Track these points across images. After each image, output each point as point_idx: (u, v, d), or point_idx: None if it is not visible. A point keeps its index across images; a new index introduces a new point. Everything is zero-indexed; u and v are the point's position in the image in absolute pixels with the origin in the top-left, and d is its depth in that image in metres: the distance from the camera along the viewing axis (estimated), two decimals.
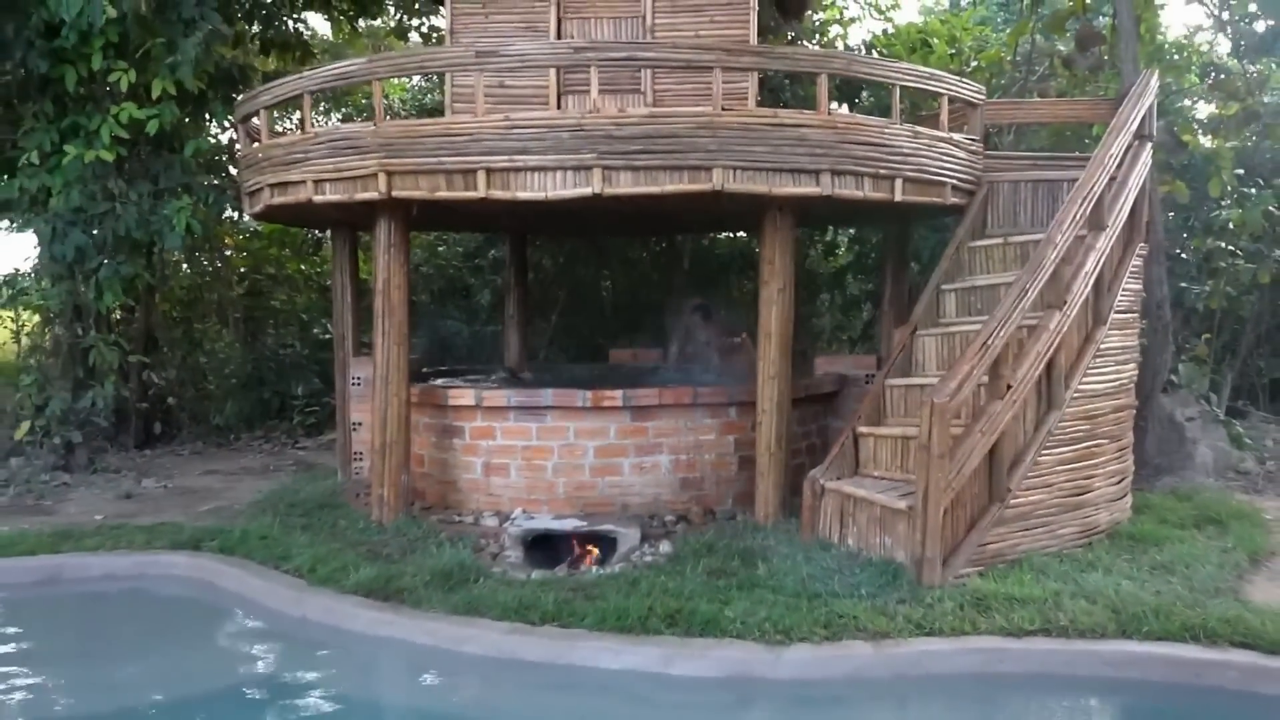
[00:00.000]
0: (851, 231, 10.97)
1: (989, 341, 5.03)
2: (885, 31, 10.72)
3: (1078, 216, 5.57)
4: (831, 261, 11.45)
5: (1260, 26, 13.61)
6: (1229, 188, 8.44)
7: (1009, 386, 5.16)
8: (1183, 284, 8.76)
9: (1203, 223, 8.79)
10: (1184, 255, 9.52)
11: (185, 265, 10.97)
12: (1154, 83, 6.33)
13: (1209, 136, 8.33)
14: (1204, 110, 10.55)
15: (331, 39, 12.04)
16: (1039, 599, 4.61)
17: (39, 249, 8.51)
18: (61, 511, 7.29)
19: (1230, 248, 8.43)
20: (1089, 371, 5.71)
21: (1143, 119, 6.22)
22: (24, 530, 6.38)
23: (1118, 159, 5.96)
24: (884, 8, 10.81)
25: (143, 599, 5.53)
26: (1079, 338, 5.73)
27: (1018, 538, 5.32)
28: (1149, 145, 6.32)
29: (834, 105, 10.60)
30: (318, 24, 12.23)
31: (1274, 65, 12.03)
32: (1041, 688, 4.17)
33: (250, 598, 5.30)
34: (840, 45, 11.27)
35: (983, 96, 6.64)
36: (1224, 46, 13.57)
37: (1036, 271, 5.31)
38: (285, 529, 6.16)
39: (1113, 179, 5.93)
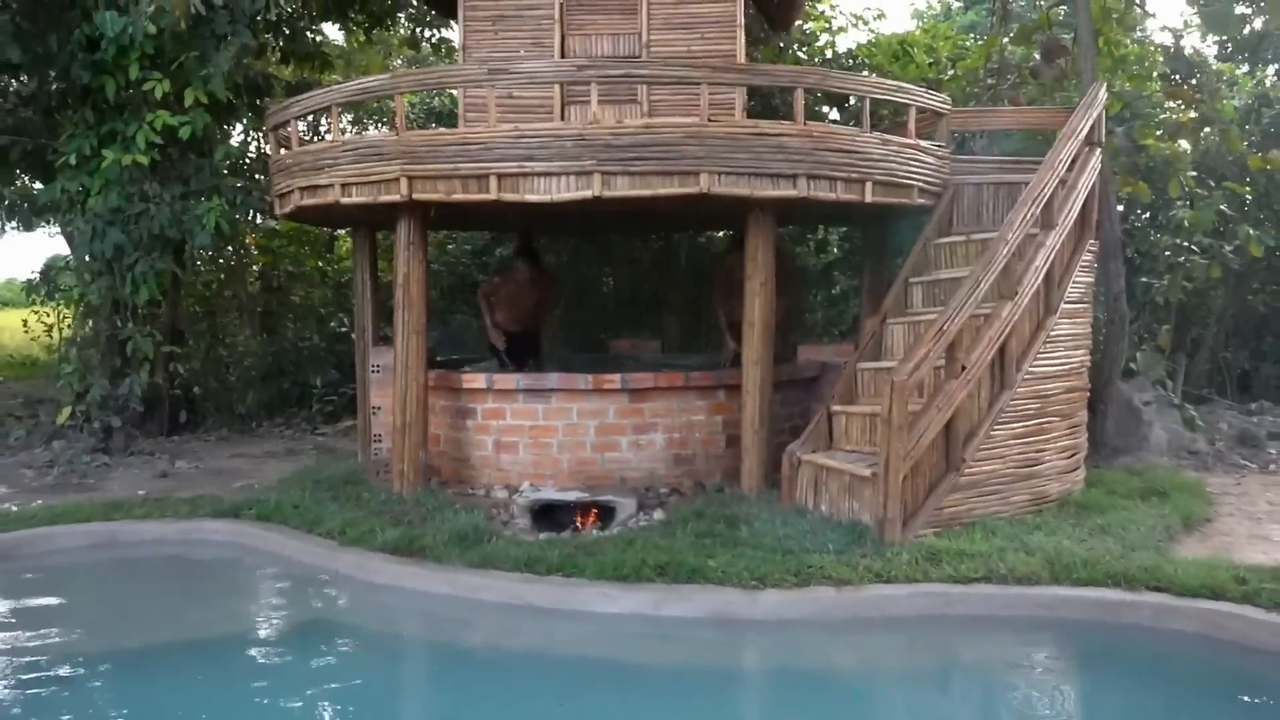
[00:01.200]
0: (843, 230, 11.57)
1: (944, 327, 5.67)
2: (868, 41, 11.33)
3: (1028, 216, 6.20)
4: (823, 258, 12.07)
5: (1246, 30, 14.26)
6: (1186, 189, 9.06)
7: (963, 368, 5.80)
8: (1143, 278, 9.37)
9: (1164, 221, 9.40)
10: (1150, 252, 10.13)
11: (212, 261, 11.54)
12: (1101, 94, 6.95)
13: (1168, 140, 8.92)
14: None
15: (345, 46, 12.68)
16: (985, 553, 5.23)
17: (79, 247, 9.14)
18: (105, 488, 7.93)
19: (1187, 244, 9.04)
20: (1040, 356, 6.33)
21: (1091, 127, 6.84)
22: (78, 502, 7.03)
23: (1067, 163, 6.58)
24: (867, 18, 11.42)
25: (191, 560, 6.16)
26: (1030, 325, 6.36)
27: (972, 503, 5.95)
28: (1098, 151, 6.94)
29: (825, 109, 11.36)
30: (331, 31, 12.89)
31: (1241, 72, 12.68)
32: (983, 626, 4.80)
33: (287, 556, 5.95)
34: (829, 53, 11.92)
35: (948, 106, 7.26)
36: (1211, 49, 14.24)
37: (989, 266, 5.94)
38: (315, 500, 6.79)
39: (1062, 182, 6.55)
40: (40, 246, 43.76)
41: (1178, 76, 12.79)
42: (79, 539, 6.35)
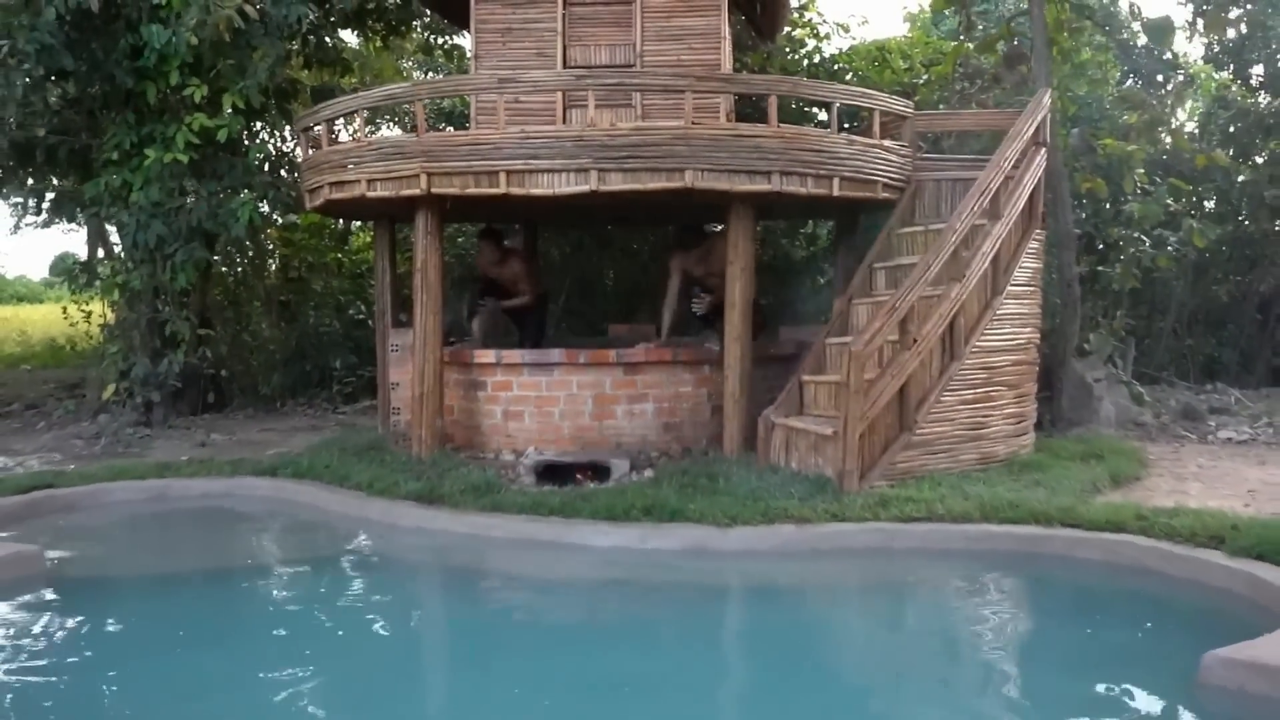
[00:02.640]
0: (831, 224, 12.38)
1: (896, 305, 6.49)
2: (849, 48, 12.14)
3: (975, 208, 7.01)
4: (812, 249, 12.88)
5: (1231, 33, 15.06)
6: (1139, 185, 9.86)
7: (915, 341, 6.61)
8: (1100, 267, 10.17)
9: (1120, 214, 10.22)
10: (1109, 243, 10.95)
11: (239, 252, 12.37)
12: (1047, 100, 7.75)
13: (1123, 140, 9.72)
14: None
15: (362, 51, 13.51)
16: (928, 499, 6.04)
17: (123, 237, 9.98)
18: (149, 456, 8.75)
19: (1139, 235, 9.84)
20: (987, 332, 7.13)
21: (1037, 128, 7.64)
22: (133, 462, 7.88)
23: (1013, 161, 7.39)
24: (849, 26, 12.21)
25: (237, 511, 6.99)
26: (979, 305, 7.17)
27: (924, 460, 6.77)
28: (1043, 150, 7.74)
29: (816, 110, 12.15)
30: (347, 36, 13.70)
31: (1223, 75, 13.44)
32: (922, 556, 5.61)
33: (322, 506, 6.78)
34: (817, 57, 12.72)
35: (911, 110, 8.07)
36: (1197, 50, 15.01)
37: (939, 252, 6.76)
38: (343, 461, 7.59)
39: (1009, 178, 7.36)
40: (43, 247, 44.79)
41: (1160, 77, 13.63)
42: (135, 493, 7.17)
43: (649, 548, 5.66)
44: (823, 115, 12.16)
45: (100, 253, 13.48)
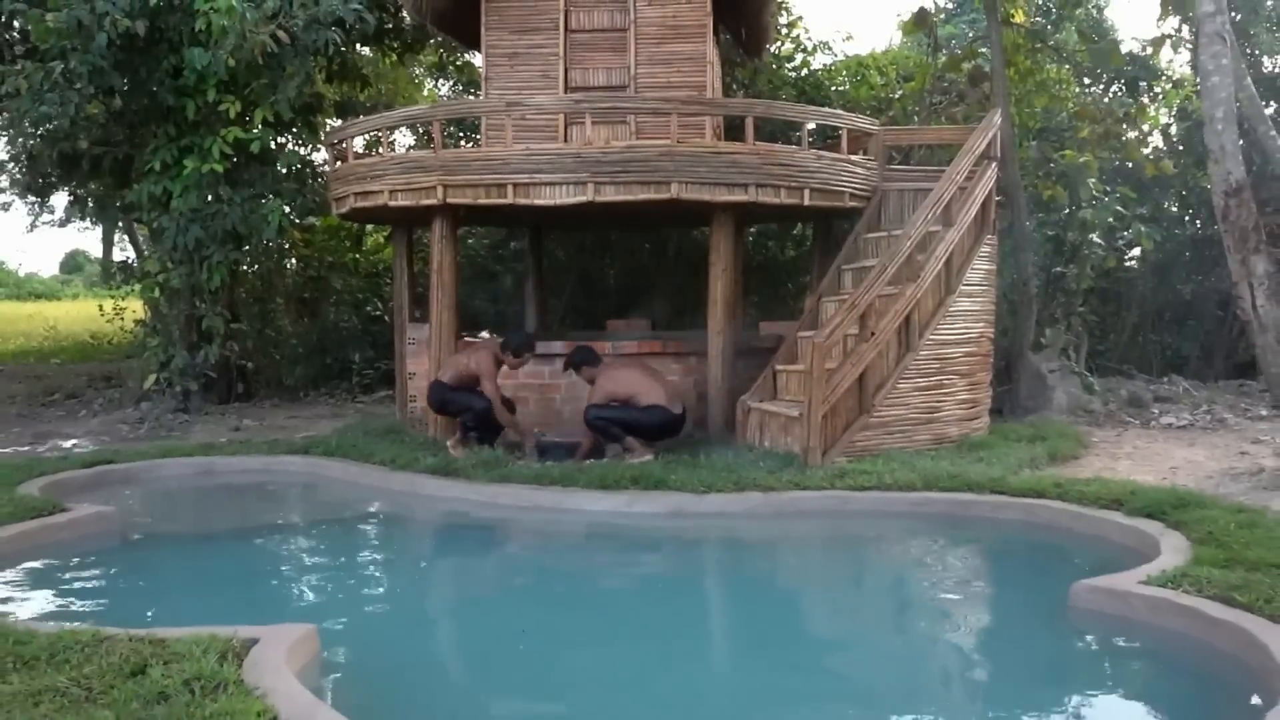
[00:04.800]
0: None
1: (855, 302, 7.39)
2: (830, 65, 13.04)
3: (930, 216, 7.91)
4: (797, 251, 13.79)
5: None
6: (1094, 193, 10.75)
7: (873, 334, 7.52)
8: (1056, 269, 11.06)
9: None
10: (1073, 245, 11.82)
11: (264, 253, 13.30)
12: (997, 118, 8.65)
13: (1079, 152, 10.61)
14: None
15: (379, 66, 14.44)
16: (880, 472, 6.92)
17: (163, 240, 10.91)
18: (190, 439, 9.69)
19: (1092, 238, 10.73)
20: (940, 327, 8.03)
21: (988, 144, 8.53)
22: (178, 443, 8.82)
23: (965, 174, 8.28)
24: (831, 44, 13.12)
25: (275, 482, 7.92)
26: (933, 302, 8.06)
27: (881, 439, 7.67)
28: (994, 164, 8.62)
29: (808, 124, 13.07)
30: (365, 52, 14.62)
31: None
32: (869, 517, 6.49)
33: (350, 479, 7.70)
34: (804, 71, 13.61)
35: (876, 127, 8.98)
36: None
37: (895, 255, 7.66)
38: (367, 441, 8.53)
39: (961, 189, 8.25)
40: (50, 247, 46.15)
41: (1144, 84, 14.47)
42: (184, 469, 8.09)
43: (635, 510, 6.57)
44: (811, 125, 13.21)
45: (131, 253, 14.44)
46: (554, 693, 3.96)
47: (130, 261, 12.83)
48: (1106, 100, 11.60)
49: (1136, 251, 13.44)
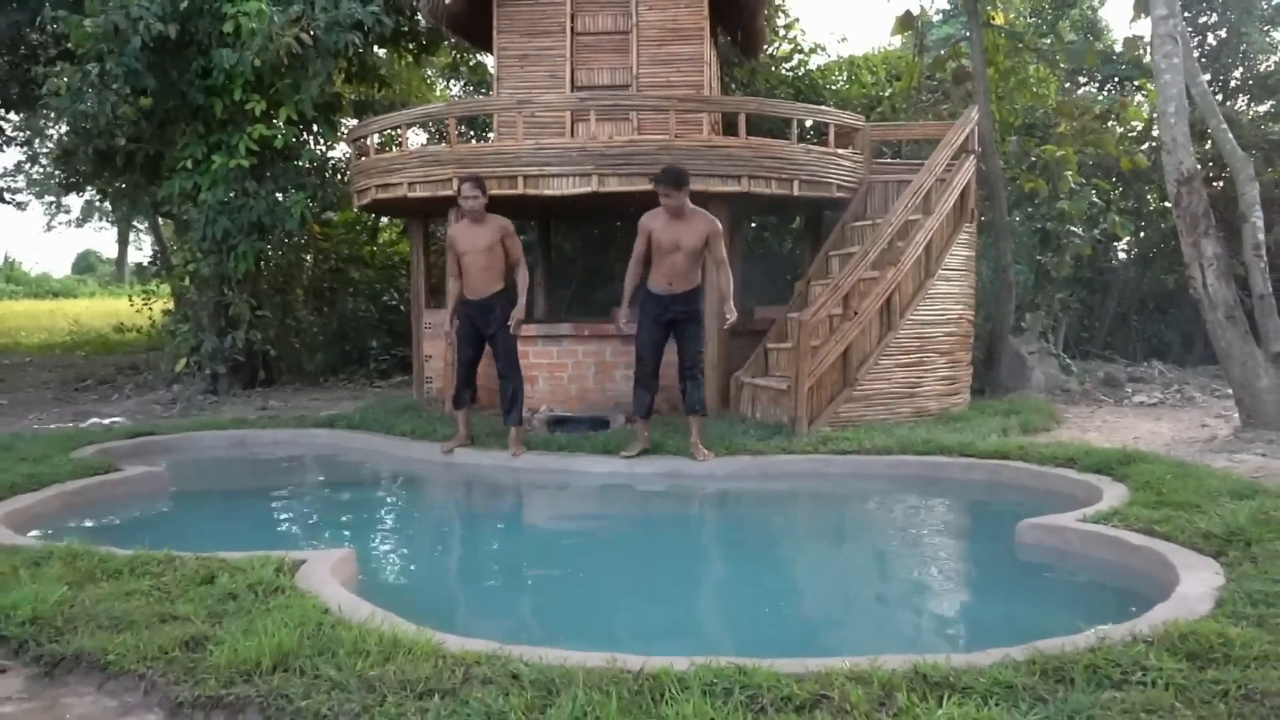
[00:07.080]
0: None
1: (839, 284, 8.00)
2: (824, 64, 13.67)
3: (910, 205, 8.52)
4: (795, 242, 14.39)
5: (1212, 39, 16.42)
6: (1074, 185, 11.34)
7: (855, 313, 8.13)
8: (1039, 257, 11.65)
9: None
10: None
11: (285, 244, 13.97)
12: (974, 114, 9.25)
13: (1058, 147, 11.19)
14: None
15: (395, 66, 15.09)
16: (860, 438, 7.53)
17: (193, 231, 11.56)
18: (221, 417, 10.35)
19: (1071, 228, 11.32)
20: (920, 308, 8.64)
21: (966, 138, 9.14)
22: (211, 418, 9.47)
23: (944, 166, 8.88)
24: (825, 45, 13.71)
25: (304, 453, 8.55)
26: (913, 285, 8.67)
27: (864, 411, 8.28)
28: (972, 157, 9.23)
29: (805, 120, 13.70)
30: (382, 53, 15.27)
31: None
32: (849, 478, 7.09)
33: (374, 449, 8.33)
34: (801, 70, 14.22)
35: (863, 122, 9.59)
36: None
37: (876, 241, 8.27)
38: (387, 417, 9.16)
39: (940, 180, 8.85)
40: (61, 248, 46.86)
41: (1137, 83, 15.01)
42: (220, 440, 8.72)
43: (635, 472, 7.20)
44: (809, 121, 13.83)
45: (145, 253, 15.12)
46: (556, 600, 4.68)
47: (155, 257, 13.48)
48: (1100, 98, 12.15)
49: (1124, 244, 14.08)
